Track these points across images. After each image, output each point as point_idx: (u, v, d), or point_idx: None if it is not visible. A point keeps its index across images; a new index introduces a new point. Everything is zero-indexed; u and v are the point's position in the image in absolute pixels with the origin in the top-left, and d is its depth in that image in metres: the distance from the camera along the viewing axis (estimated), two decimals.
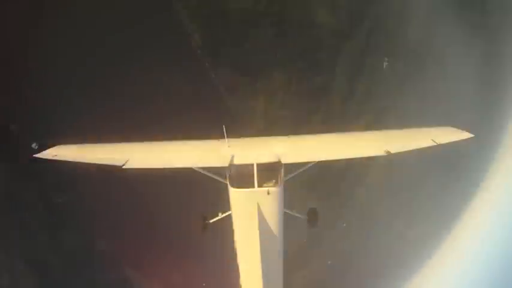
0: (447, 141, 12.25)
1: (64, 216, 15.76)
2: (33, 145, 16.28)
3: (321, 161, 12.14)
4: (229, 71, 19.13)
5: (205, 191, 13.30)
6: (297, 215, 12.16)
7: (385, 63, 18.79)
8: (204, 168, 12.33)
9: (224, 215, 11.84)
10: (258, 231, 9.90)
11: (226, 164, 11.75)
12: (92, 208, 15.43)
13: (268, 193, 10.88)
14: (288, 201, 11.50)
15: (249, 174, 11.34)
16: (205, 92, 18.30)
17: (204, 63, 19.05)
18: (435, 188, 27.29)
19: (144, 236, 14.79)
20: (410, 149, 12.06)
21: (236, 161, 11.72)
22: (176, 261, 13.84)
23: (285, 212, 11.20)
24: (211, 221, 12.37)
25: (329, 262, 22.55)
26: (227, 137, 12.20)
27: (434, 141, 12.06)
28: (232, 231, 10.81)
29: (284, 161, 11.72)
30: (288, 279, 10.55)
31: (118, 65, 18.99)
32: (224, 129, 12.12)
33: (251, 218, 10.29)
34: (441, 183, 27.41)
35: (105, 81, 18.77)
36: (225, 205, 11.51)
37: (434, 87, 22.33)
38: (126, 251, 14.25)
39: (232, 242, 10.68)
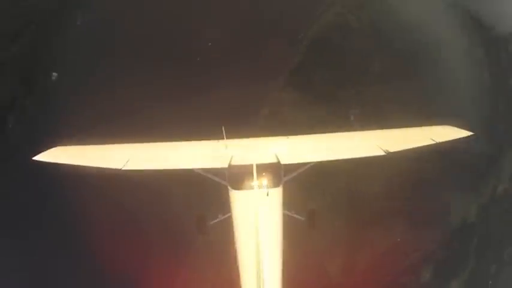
0: (446, 140, 12.32)
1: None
2: (54, 75, 16.10)
3: (320, 161, 12.20)
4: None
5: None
6: (296, 216, 12.19)
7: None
8: (203, 170, 12.35)
9: (224, 216, 11.86)
10: (257, 233, 9.92)
11: (225, 165, 11.78)
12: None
13: (267, 194, 10.92)
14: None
15: (248, 175, 11.38)
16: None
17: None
18: None
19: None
20: (409, 147, 12.13)
21: (235, 162, 11.75)
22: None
23: (284, 213, 11.22)
24: (211, 223, 12.40)
25: None
26: (226, 137, 12.22)
27: (434, 140, 12.12)
28: (232, 233, 10.82)
29: (283, 161, 11.76)
30: None
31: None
32: (223, 130, 12.14)
33: (251, 219, 10.31)
34: None
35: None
36: (226, 207, 11.55)
37: None
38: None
39: (233, 243, 10.68)
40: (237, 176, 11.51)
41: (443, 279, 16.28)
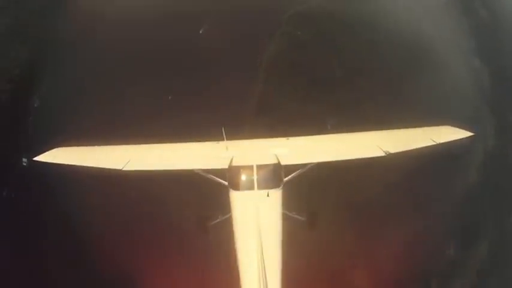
0: (447, 140, 12.37)
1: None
2: (24, 161, 15.47)
3: (320, 162, 12.24)
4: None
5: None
6: (297, 216, 12.21)
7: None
8: (204, 170, 12.40)
9: (224, 217, 11.88)
10: (258, 233, 9.95)
11: (225, 166, 11.84)
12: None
13: (268, 195, 10.96)
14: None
15: (248, 176, 11.43)
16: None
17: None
18: None
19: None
20: (410, 148, 12.17)
21: (235, 163, 11.81)
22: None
23: (284, 213, 11.23)
24: (211, 223, 12.44)
25: None
26: (226, 138, 12.28)
27: (434, 141, 12.17)
28: (232, 233, 10.83)
29: (283, 162, 11.80)
30: None
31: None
32: (223, 131, 12.20)
33: (251, 220, 10.36)
34: None
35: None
36: (226, 207, 11.58)
37: None
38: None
39: (233, 243, 10.69)
40: (238, 177, 11.57)
41: (470, 249, 15.99)
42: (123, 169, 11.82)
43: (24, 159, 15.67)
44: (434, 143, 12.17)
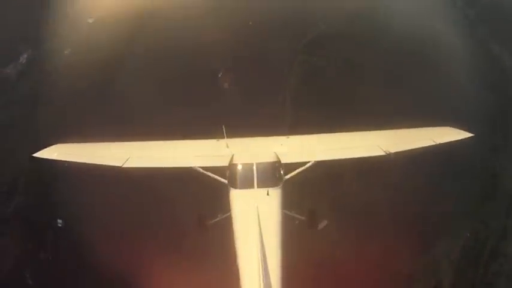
0: (447, 141, 12.40)
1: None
2: (59, 222, 15.30)
3: (320, 161, 12.23)
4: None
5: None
6: (296, 215, 12.21)
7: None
8: (204, 168, 12.38)
9: (224, 216, 11.85)
10: (258, 232, 9.90)
11: (225, 164, 11.83)
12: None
13: (267, 193, 10.94)
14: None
15: (248, 174, 11.42)
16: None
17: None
18: None
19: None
20: (410, 148, 12.20)
21: (236, 161, 11.81)
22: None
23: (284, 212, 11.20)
24: (211, 221, 12.42)
25: None
26: (227, 136, 12.28)
27: (434, 141, 12.20)
28: (232, 232, 10.79)
29: (284, 160, 11.80)
30: None
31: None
32: (224, 129, 12.20)
33: (251, 218, 10.29)
34: None
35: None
36: (226, 206, 11.54)
37: None
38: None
39: (233, 242, 10.65)
40: (238, 175, 11.55)
41: None
42: (123, 166, 11.78)
43: (60, 221, 15.54)
44: (434, 143, 12.20)
